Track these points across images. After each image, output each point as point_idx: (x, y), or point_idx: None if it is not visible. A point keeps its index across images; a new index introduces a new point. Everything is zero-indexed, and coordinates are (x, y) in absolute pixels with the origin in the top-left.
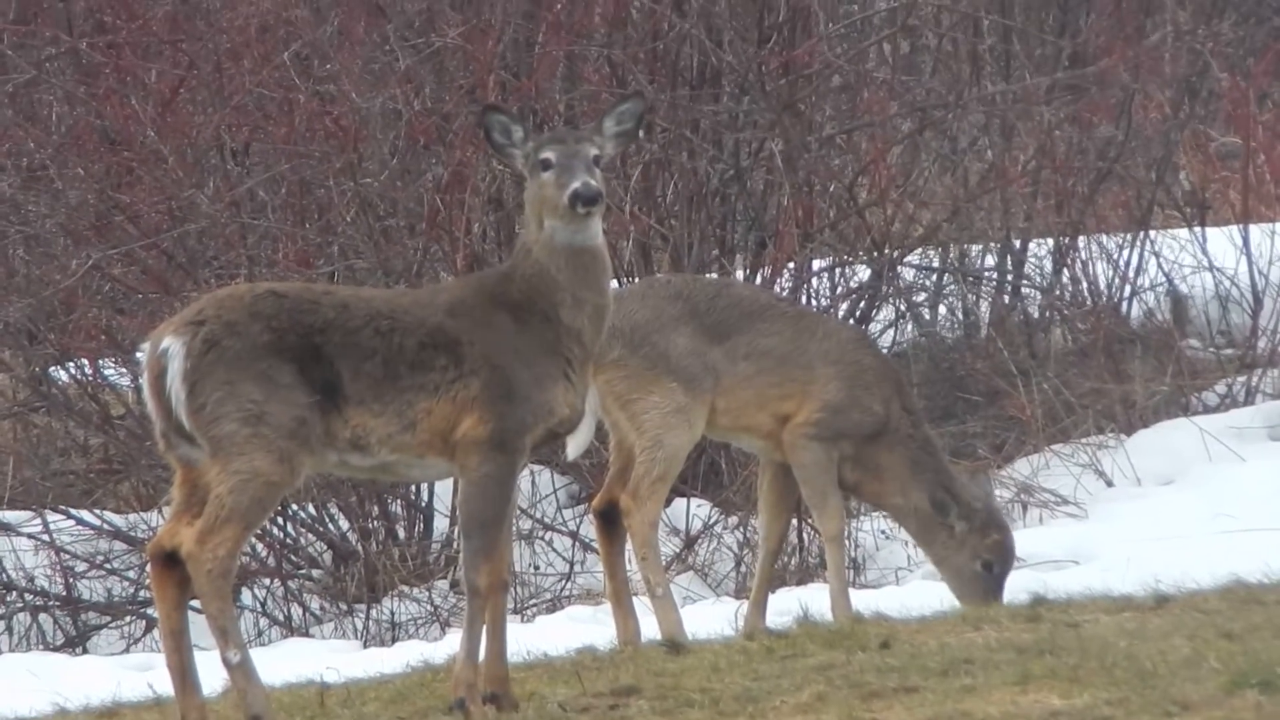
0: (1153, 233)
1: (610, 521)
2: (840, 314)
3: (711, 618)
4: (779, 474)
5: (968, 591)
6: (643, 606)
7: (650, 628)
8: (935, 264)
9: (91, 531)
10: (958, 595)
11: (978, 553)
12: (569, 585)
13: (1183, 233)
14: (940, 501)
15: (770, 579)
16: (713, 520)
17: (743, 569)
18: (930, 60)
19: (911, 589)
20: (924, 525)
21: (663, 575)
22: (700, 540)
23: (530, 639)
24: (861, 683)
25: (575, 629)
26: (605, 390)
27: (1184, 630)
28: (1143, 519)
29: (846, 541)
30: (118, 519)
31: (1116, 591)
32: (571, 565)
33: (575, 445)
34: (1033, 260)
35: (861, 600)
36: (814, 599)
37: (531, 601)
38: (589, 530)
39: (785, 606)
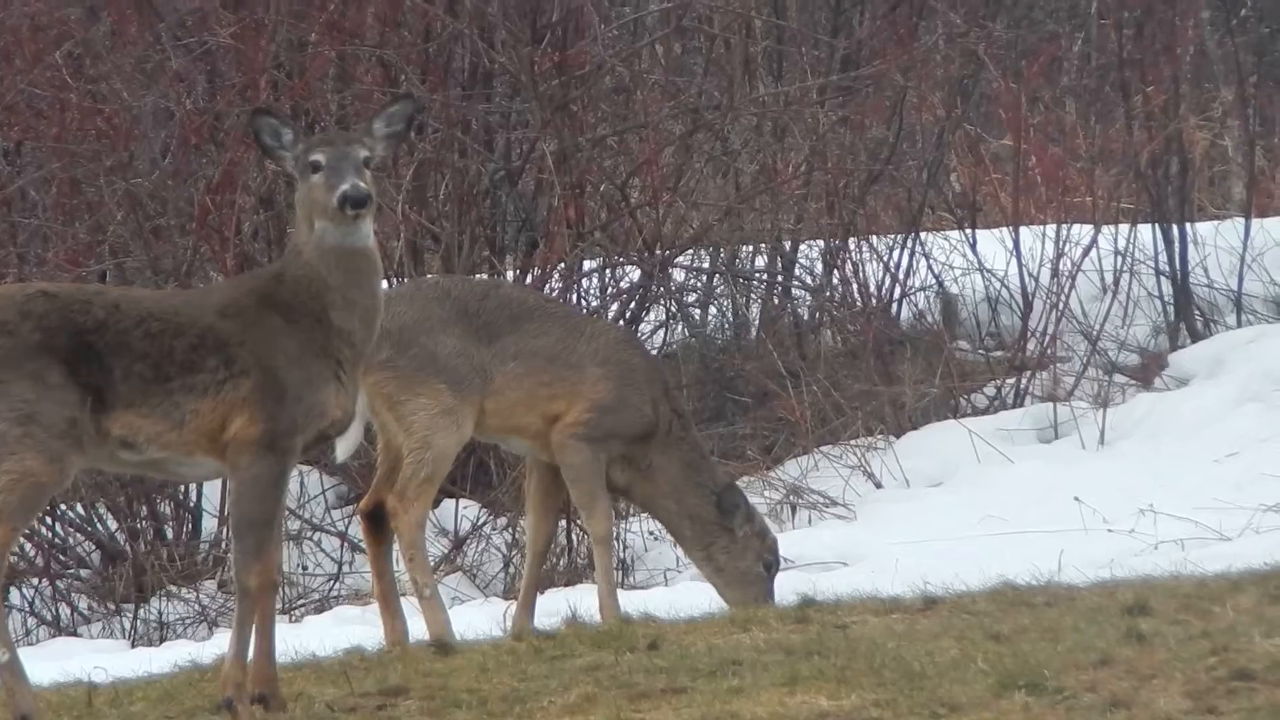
0: (923, 234)
1: (377, 523)
2: (610, 315)
3: (480, 618)
4: (546, 475)
5: (749, 594)
6: (411, 607)
7: (418, 628)
8: (706, 265)
9: None
10: (735, 599)
11: (760, 554)
12: (337, 586)
13: (953, 234)
14: (731, 504)
15: (538, 580)
16: (481, 521)
17: (511, 570)
18: (703, 62)
19: (680, 590)
20: (701, 529)
21: (430, 576)
22: (468, 541)
23: (298, 639)
24: (629, 683)
25: (343, 629)
26: (374, 392)
27: (952, 632)
28: (911, 521)
29: (615, 543)
30: None
31: (885, 593)
32: (340, 566)
33: (344, 447)
34: (803, 262)
35: (630, 601)
36: (582, 600)
37: (300, 602)
38: (357, 531)
39: (553, 607)
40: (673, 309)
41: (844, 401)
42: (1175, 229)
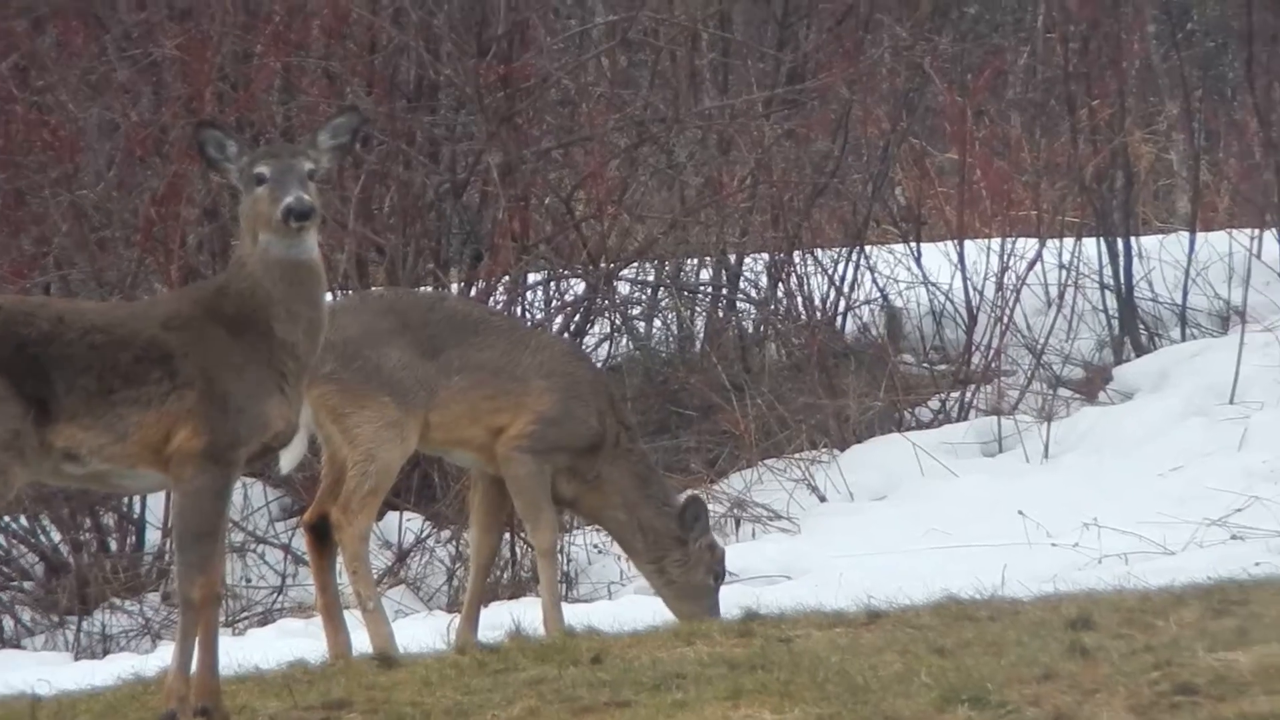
0: (868, 248)
1: (321, 535)
2: (555, 328)
3: (423, 632)
4: (492, 489)
5: (699, 606)
6: (354, 620)
7: (362, 641)
8: (651, 278)
9: None
10: (685, 611)
11: (711, 566)
12: (281, 598)
13: (898, 248)
14: (693, 516)
15: (482, 594)
16: (425, 534)
17: (455, 583)
18: (649, 75)
19: (624, 603)
20: (654, 541)
21: (373, 589)
22: (412, 554)
23: (242, 652)
24: (573, 697)
25: (287, 642)
26: (318, 404)
27: (896, 646)
28: (856, 534)
29: (559, 555)
30: None
31: (829, 607)
32: (283, 578)
33: (288, 459)
34: (748, 275)
35: (574, 614)
36: (526, 613)
37: (243, 614)
38: (301, 543)
39: (497, 621)
40: (617, 322)
41: (788, 415)
42: (1120, 243)
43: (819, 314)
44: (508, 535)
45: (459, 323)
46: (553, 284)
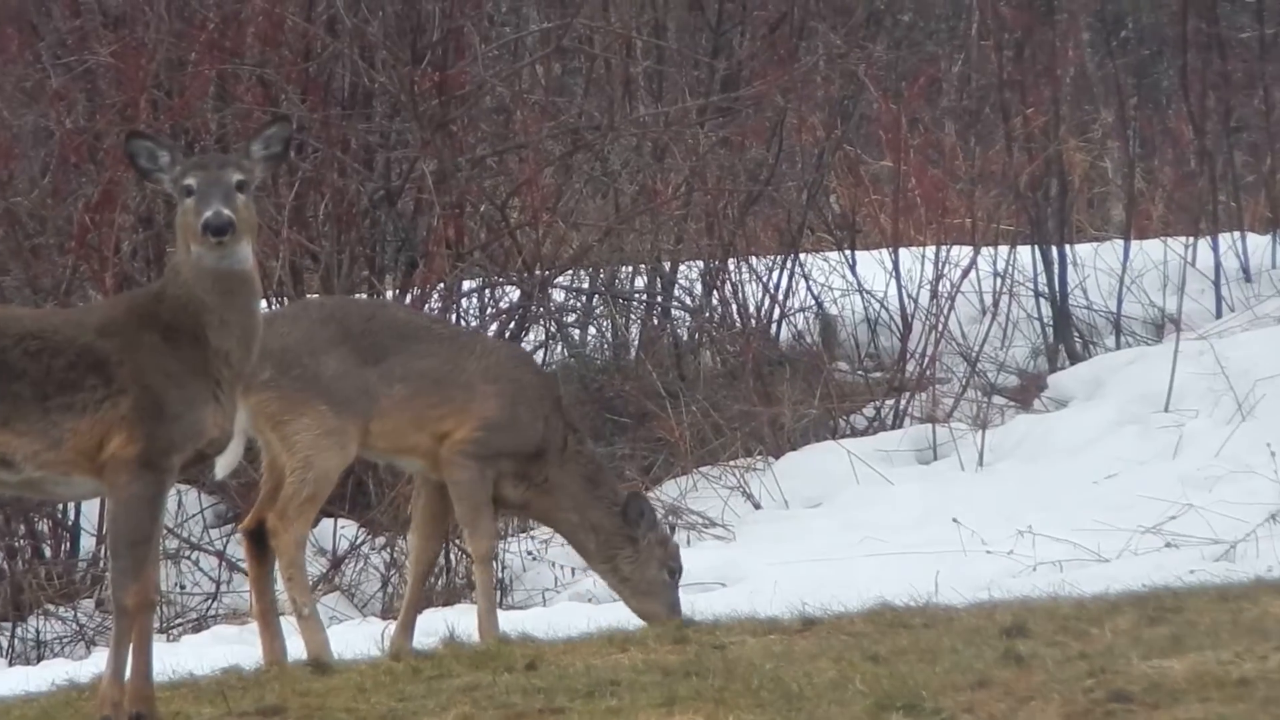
0: (803, 255)
1: (259, 541)
2: (490, 335)
3: (357, 638)
4: (435, 496)
5: (658, 603)
6: (290, 626)
7: (297, 648)
8: (585, 285)
9: None
10: (645, 610)
11: (664, 562)
12: (215, 605)
13: (833, 255)
14: (636, 512)
15: (419, 601)
16: (359, 541)
17: (389, 589)
18: (583, 82)
19: (558, 610)
20: (605, 541)
21: (309, 595)
22: (347, 560)
23: (176, 658)
24: (507, 704)
25: (221, 649)
26: (257, 411)
27: (830, 653)
28: (790, 541)
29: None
30: None
31: (763, 614)
32: (218, 585)
33: (224, 464)
34: (683, 282)
35: (508, 621)
36: (460, 620)
37: (177, 621)
38: (235, 550)
39: (432, 627)
40: (552, 329)
41: (723, 422)
42: (1055, 251)
43: (754, 321)
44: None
45: (400, 330)
46: (487, 291)
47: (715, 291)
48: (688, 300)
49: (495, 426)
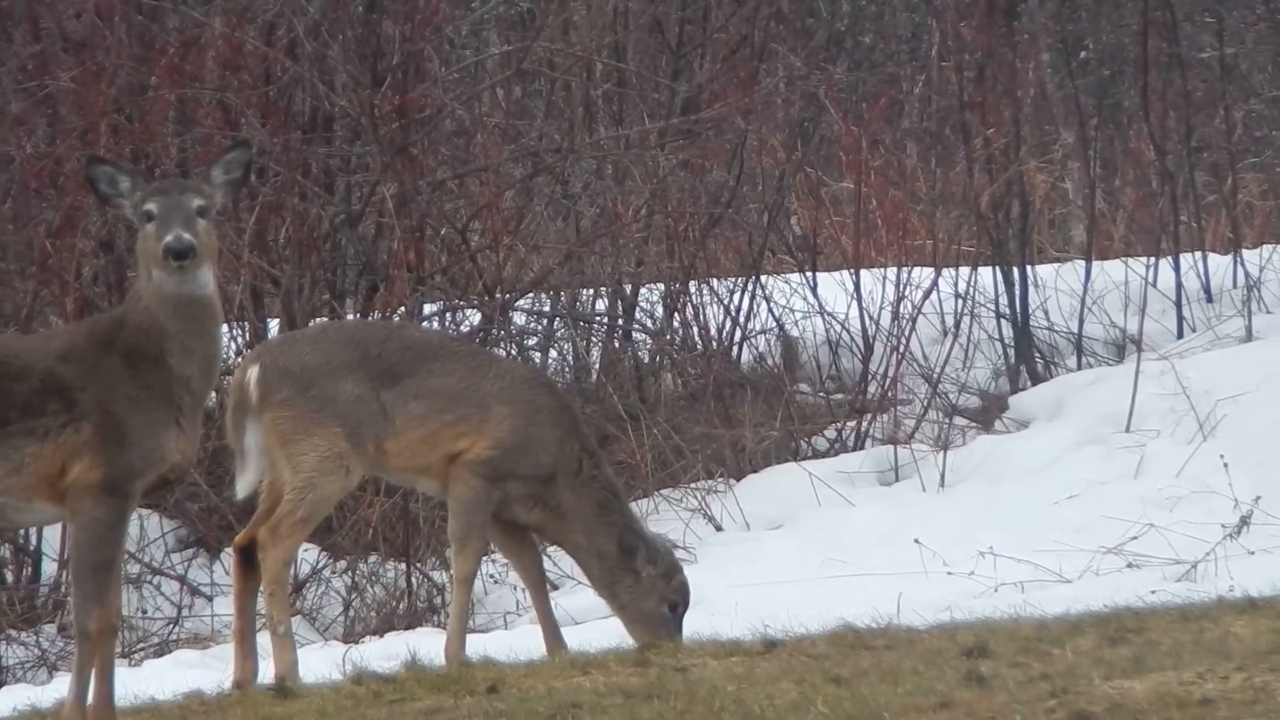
0: (764, 277)
1: (250, 558)
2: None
3: (319, 662)
4: (498, 527)
5: (653, 635)
6: (262, 649)
7: (267, 672)
8: (547, 308)
9: None
10: (640, 636)
11: (665, 596)
12: (176, 629)
13: (794, 277)
14: (630, 545)
15: (549, 608)
16: (321, 565)
17: (351, 613)
18: (543, 105)
19: (520, 633)
20: (608, 568)
21: (287, 614)
22: (308, 584)
23: (138, 683)
24: None
25: (182, 673)
26: (270, 428)
27: (792, 675)
28: (752, 564)
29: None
30: None
31: (725, 636)
32: (179, 609)
33: (244, 484)
34: (644, 305)
35: (470, 644)
36: (422, 643)
37: (139, 645)
38: (197, 575)
39: (393, 651)
40: (513, 352)
41: (684, 444)
42: (1016, 271)
43: (715, 344)
44: (403, 565)
45: (417, 350)
46: (448, 315)
47: (676, 314)
48: (649, 323)
49: (508, 448)
